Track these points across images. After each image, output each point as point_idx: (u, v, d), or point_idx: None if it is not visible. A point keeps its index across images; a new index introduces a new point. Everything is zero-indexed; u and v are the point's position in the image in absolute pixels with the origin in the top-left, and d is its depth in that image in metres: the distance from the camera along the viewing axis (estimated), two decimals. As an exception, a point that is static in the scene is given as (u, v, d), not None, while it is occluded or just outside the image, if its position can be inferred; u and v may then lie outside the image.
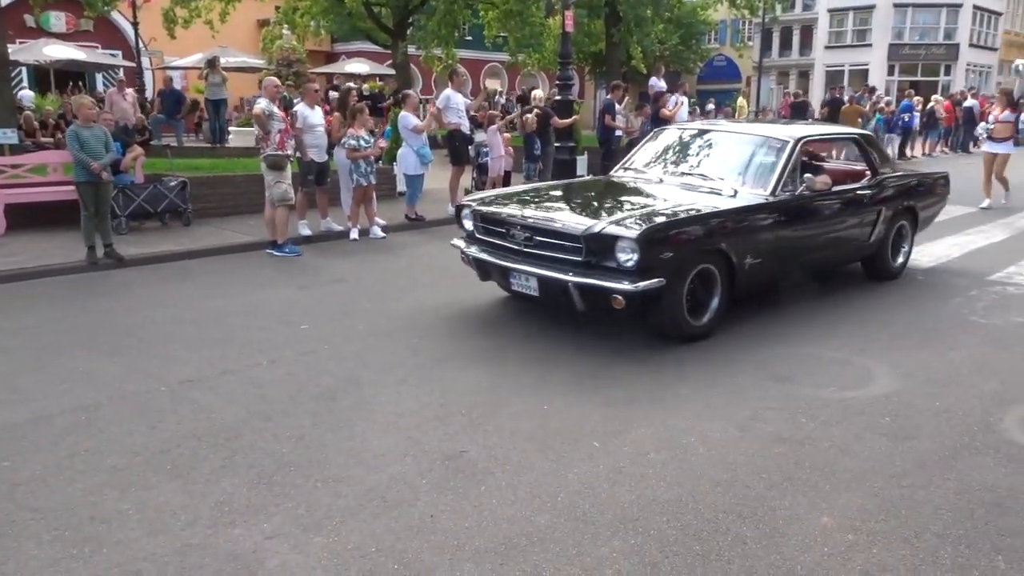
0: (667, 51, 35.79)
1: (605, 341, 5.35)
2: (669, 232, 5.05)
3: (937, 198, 7.81)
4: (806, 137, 6.33)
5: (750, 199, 5.67)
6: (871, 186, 6.70)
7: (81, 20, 24.34)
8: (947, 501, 3.28)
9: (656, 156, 6.81)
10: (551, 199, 6.22)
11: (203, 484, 3.42)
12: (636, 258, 4.80)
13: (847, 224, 6.49)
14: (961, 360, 5.04)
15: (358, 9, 20.20)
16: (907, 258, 7.34)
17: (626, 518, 3.14)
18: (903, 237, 7.25)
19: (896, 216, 6.95)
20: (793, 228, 5.87)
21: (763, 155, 6.11)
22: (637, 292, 4.81)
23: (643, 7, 18.87)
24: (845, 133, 8.00)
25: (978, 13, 40.18)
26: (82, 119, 7.82)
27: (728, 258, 5.35)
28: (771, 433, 3.94)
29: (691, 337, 5.27)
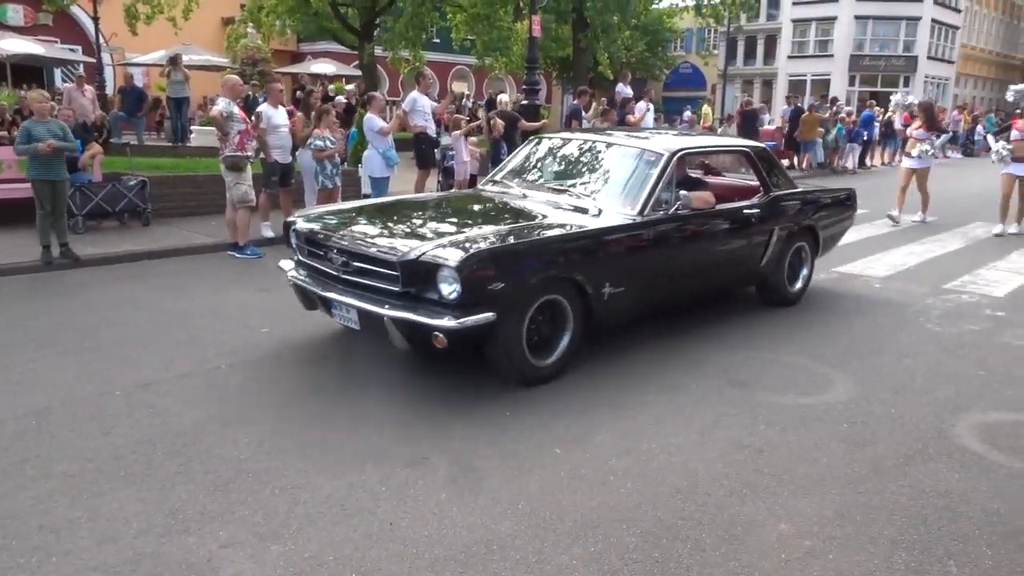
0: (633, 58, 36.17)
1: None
2: (501, 259, 4.31)
3: (841, 217, 7.15)
4: (683, 150, 5.69)
5: (614, 219, 5.03)
6: (761, 204, 6.05)
7: (40, 14, 23.83)
8: (901, 507, 3.33)
9: (528, 168, 6.17)
10: (383, 216, 5.35)
11: (157, 491, 3.34)
12: (458, 290, 4.09)
13: (732, 246, 5.93)
14: (916, 367, 5.14)
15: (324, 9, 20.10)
16: (807, 283, 6.72)
17: (587, 525, 3.14)
18: (802, 260, 6.65)
19: (792, 237, 6.37)
20: (665, 252, 5.26)
21: (634, 169, 5.49)
22: (462, 330, 4.10)
23: (610, 14, 19.04)
24: (733, 146, 7.13)
25: (936, 26, 41.19)
26: (37, 114, 7.64)
27: (581, 288, 4.68)
28: (731, 439, 3.97)
29: (534, 380, 4.57)
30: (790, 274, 6.51)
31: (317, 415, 4.19)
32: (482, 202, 5.75)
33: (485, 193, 5.97)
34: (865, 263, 8.35)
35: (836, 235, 7.19)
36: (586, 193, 5.46)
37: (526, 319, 4.46)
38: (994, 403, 4.56)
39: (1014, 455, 3.85)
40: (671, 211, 5.24)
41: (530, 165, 6.21)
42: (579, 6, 19.53)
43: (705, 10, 21.93)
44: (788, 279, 6.49)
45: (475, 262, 4.14)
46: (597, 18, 19.21)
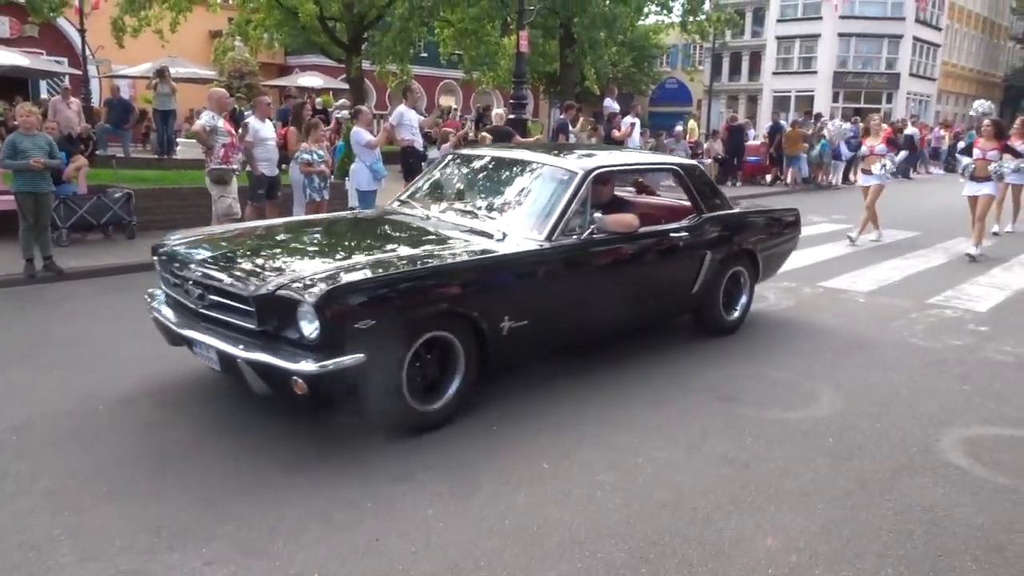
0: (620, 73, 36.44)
1: (549, 366, 5.35)
2: (371, 293, 3.79)
3: (784, 238, 6.70)
4: (601, 168, 5.17)
5: (518, 245, 4.56)
6: (691, 227, 5.62)
7: (26, 26, 23.73)
8: (887, 522, 3.34)
9: (440, 187, 5.72)
10: (259, 241, 4.78)
11: (141, 507, 3.31)
12: (319, 328, 3.58)
13: (658, 273, 5.52)
14: (901, 382, 5.17)
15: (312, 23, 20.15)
16: (746, 310, 6.27)
17: (574, 540, 3.13)
18: (740, 286, 6.22)
19: (728, 262, 5.94)
20: (577, 280, 4.80)
21: (545, 189, 5.01)
22: (324, 374, 3.58)
23: (597, 30, 19.17)
24: (659, 164, 6.47)
25: (918, 44, 41.73)
26: (23, 127, 7.60)
27: (475, 323, 4.19)
28: (717, 454, 3.98)
29: (421, 428, 4.06)
30: (727, 301, 6.07)
31: (303, 429, 4.16)
32: (377, 225, 5.27)
33: (386, 215, 5.45)
34: (850, 278, 8.41)
35: (778, 258, 6.72)
36: (492, 216, 4.98)
37: (406, 360, 3.91)
38: (978, 418, 4.59)
39: (997, 470, 3.88)
40: (584, 235, 4.79)
41: (442, 184, 5.75)
42: (566, 22, 19.67)
43: (691, 27, 22.12)
44: (724, 307, 6.04)
45: (338, 297, 3.63)
46: (584, 34, 19.35)
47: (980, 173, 10.07)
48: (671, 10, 22.90)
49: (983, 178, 9.82)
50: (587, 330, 5.20)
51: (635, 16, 21.90)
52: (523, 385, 4.86)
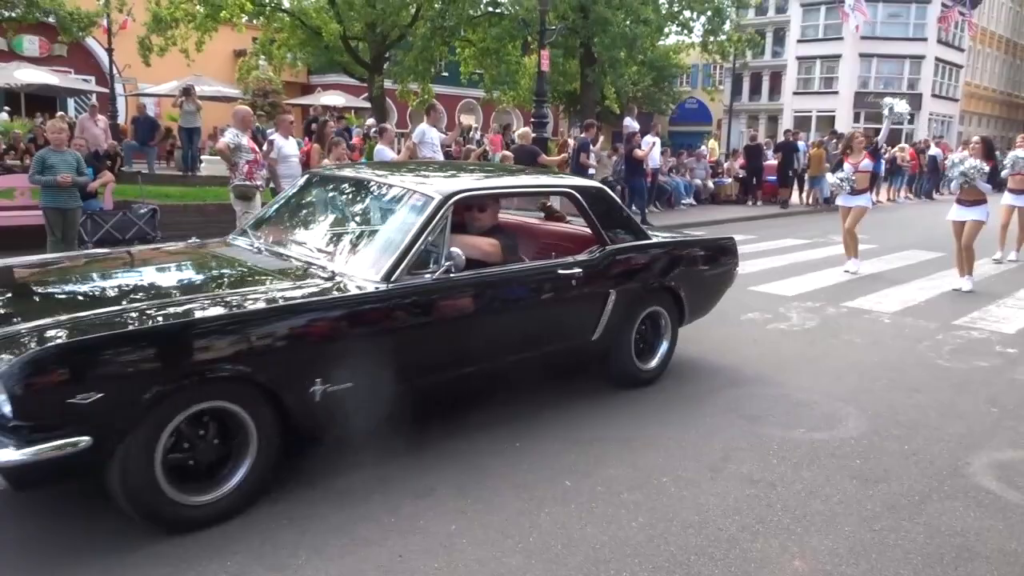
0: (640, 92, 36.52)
1: (573, 380, 5.33)
2: (89, 357, 2.92)
3: (715, 272, 5.79)
4: (464, 193, 4.27)
5: (343, 288, 3.71)
6: (591, 262, 4.72)
7: (55, 45, 24.21)
8: (917, 546, 3.28)
9: (287, 212, 4.86)
10: (12, 286, 3.91)
11: (164, 520, 3.31)
12: (11, 408, 2.75)
13: (542, 318, 4.56)
14: (928, 404, 5.10)
15: (335, 43, 20.36)
16: (666, 359, 5.35)
17: (598, 559, 3.10)
18: (659, 329, 5.33)
19: (642, 301, 5.09)
20: (426, 330, 3.93)
21: (394, 218, 4.18)
22: (31, 464, 2.77)
23: (617, 49, 19.24)
24: (546, 186, 5.60)
25: (940, 65, 41.58)
26: (53, 144, 7.73)
27: (269, 389, 3.34)
28: (742, 474, 3.93)
29: (186, 526, 3.20)
30: (641, 348, 5.20)
31: (323, 445, 4.15)
32: (183, 262, 4.40)
33: (212, 248, 4.55)
34: (875, 298, 8.33)
35: (710, 294, 5.81)
36: (328, 250, 4.18)
37: (161, 440, 3.06)
38: (1008, 441, 4.52)
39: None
40: (439, 273, 3.93)
41: (291, 210, 4.87)
42: (587, 41, 19.76)
43: (711, 47, 22.16)
44: (639, 354, 5.16)
45: (31, 368, 2.78)
46: (605, 53, 19.43)
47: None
48: (692, 30, 22.96)
49: (970, 201, 8.78)
50: (442, 388, 4.22)
51: (656, 36, 21.93)
52: (544, 402, 4.84)
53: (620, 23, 18.89)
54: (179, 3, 18.39)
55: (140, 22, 18.76)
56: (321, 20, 20.24)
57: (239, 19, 19.15)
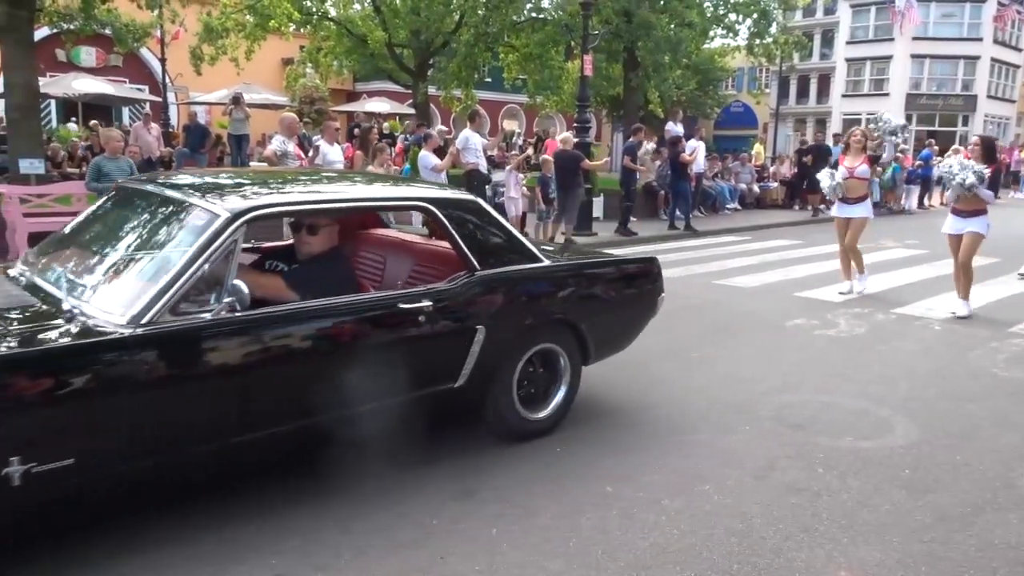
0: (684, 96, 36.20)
1: (610, 388, 5.31)
2: None
3: (629, 301, 4.85)
4: (261, 210, 3.42)
5: (72, 333, 2.91)
6: (449, 293, 3.86)
7: (111, 55, 24.92)
8: (969, 558, 3.20)
9: (74, 235, 3.97)
10: None
11: (209, 520, 3.38)
12: None
13: (375, 364, 3.64)
14: (981, 413, 4.96)
15: (381, 50, 20.65)
16: (564, 405, 4.44)
17: (639, 566, 3.08)
18: (555, 371, 4.41)
19: (526, 338, 4.20)
20: (196, 385, 3.15)
21: (166, 242, 3.38)
22: None
23: (661, 53, 19.12)
24: (390, 199, 4.41)
25: (996, 65, 40.44)
26: (109, 151, 7.97)
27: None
28: (787, 483, 3.87)
29: None
30: (529, 393, 4.29)
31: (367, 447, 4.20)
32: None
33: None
34: (925, 305, 8.13)
35: (624, 327, 4.85)
36: (84, 282, 3.35)
37: None
38: (1066, 452, 4.37)
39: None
40: (215, 314, 3.13)
41: (76, 232, 4.00)
42: (631, 46, 19.68)
43: (757, 50, 21.87)
44: (526, 400, 4.26)
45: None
46: (648, 57, 19.32)
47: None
48: (737, 33, 22.70)
49: (968, 212, 7.50)
50: (224, 452, 3.32)
51: (700, 39, 21.75)
52: (584, 408, 4.83)
53: (664, 27, 18.78)
54: (229, 13, 18.82)
55: (192, 32, 19.24)
56: (367, 28, 20.56)
57: (287, 28, 19.51)
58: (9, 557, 2.97)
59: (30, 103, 11.03)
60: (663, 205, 15.90)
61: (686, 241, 13.56)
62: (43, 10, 12.86)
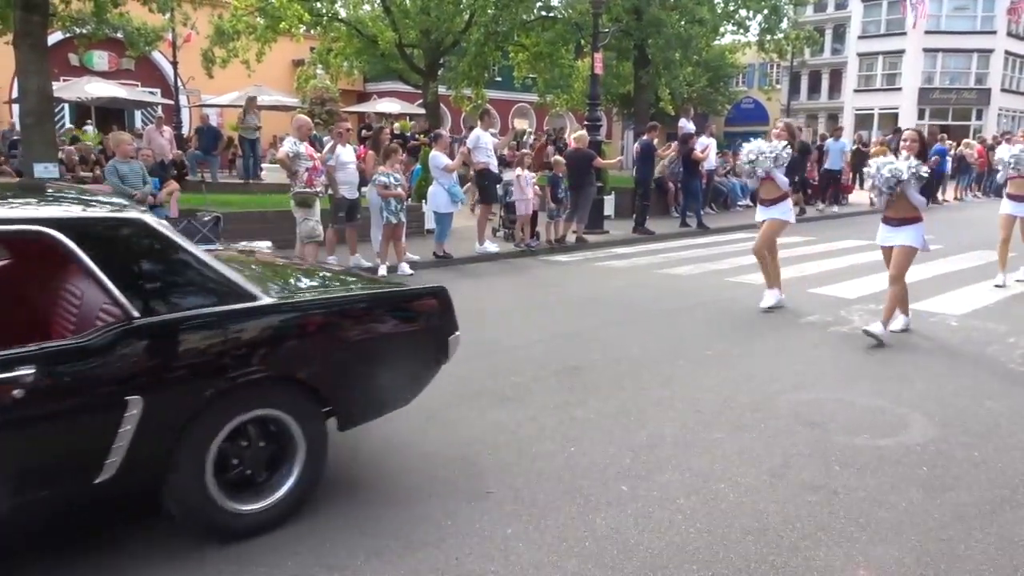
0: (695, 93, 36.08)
1: (624, 387, 5.30)
2: None
3: (399, 347, 3.81)
4: None
5: None
6: (72, 354, 2.85)
7: (123, 59, 25.07)
8: (988, 557, 3.17)
9: None
10: None
11: (228, 520, 3.40)
12: None
13: None
14: (999, 410, 4.91)
15: (391, 51, 20.68)
16: (303, 486, 3.39)
17: (655, 566, 3.07)
18: (283, 446, 3.39)
19: (226, 406, 3.18)
20: None
21: None
22: None
23: (672, 50, 19.06)
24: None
25: (1010, 58, 40.06)
26: (120, 155, 8.02)
27: None
28: (803, 481, 3.85)
29: None
30: (242, 476, 3.30)
31: (383, 447, 4.22)
32: None
33: None
34: (941, 300, 8.07)
35: (396, 378, 3.79)
36: None
37: None
38: (1086, 449, 4.33)
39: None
40: None
41: None
42: (641, 43, 19.63)
43: (768, 45, 21.76)
44: (231, 487, 3.23)
45: None
46: (659, 55, 19.27)
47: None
48: (748, 29, 22.61)
49: (899, 220, 6.50)
50: None
51: (711, 36, 21.67)
52: (600, 407, 4.82)
53: (675, 24, 18.72)
54: (240, 16, 18.89)
55: (203, 35, 19.34)
56: (377, 28, 20.59)
57: (297, 30, 19.57)
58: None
59: (44, 108, 11.10)
60: (673, 202, 15.86)
61: (698, 239, 13.52)
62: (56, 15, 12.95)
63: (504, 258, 11.03)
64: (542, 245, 11.79)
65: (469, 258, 10.66)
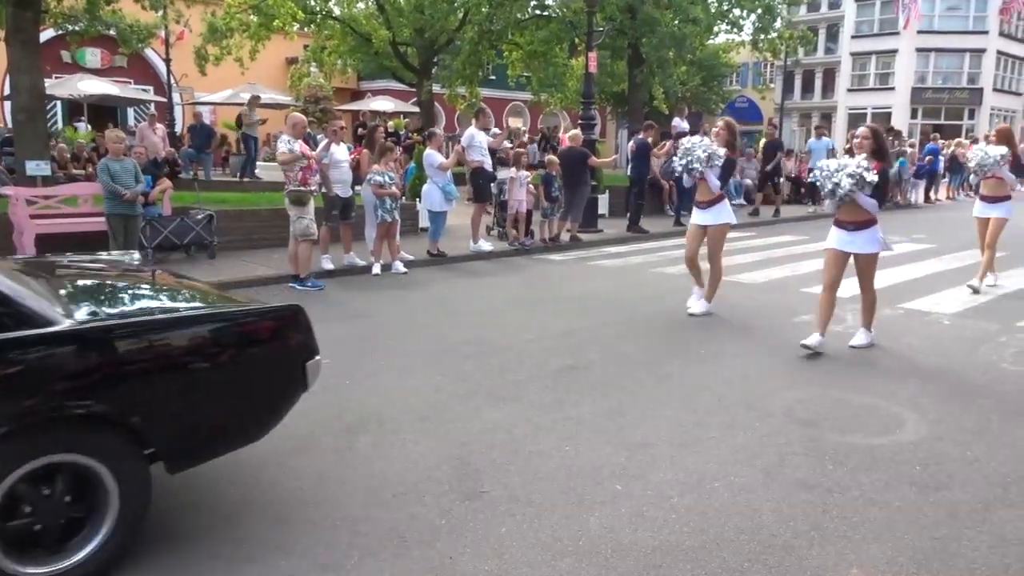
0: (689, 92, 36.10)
1: (619, 386, 5.30)
2: None
3: (243, 376, 3.32)
4: None
5: None
6: None
7: (116, 56, 24.95)
8: (981, 555, 3.18)
9: None
10: None
11: (222, 520, 3.39)
12: None
13: None
14: (991, 408, 4.93)
15: (385, 49, 20.64)
16: (119, 540, 2.92)
17: (649, 564, 3.07)
18: (93, 495, 2.87)
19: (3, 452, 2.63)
20: None
21: None
22: None
23: (666, 49, 19.08)
24: None
25: (1002, 58, 40.23)
26: (112, 153, 7.98)
27: None
28: (797, 480, 3.86)
29: None
30: (32, 532, 2.75)
31: (377, 447, 4.21)
32: None
33: None
34: (933, 299, 8.10)
35: (241, 412, 3.37)
36: None
37: None
38: (1077, 447, 4.35)
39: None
40: None
41: None
42: (635, 42, 19.64)
43: (762, 45, 21.81)
44: (19, 545, 2.73)
45: None
46: (653, 54, 19.28)
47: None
48: (741, 28, 22.63)
49: (852, 224, 6.01)
50: None
51: (705, 35, 21.70)
52: (594, 406, 4.82)
53: (668, 23, 18.73)
54: (234, 13, 18.82)
55: (196, 33, 19.24)
56: (371, 27, 20.54)
57: (291, 27, 19.51)
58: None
59: (36, 105, 11.04)
60: (668, 201, 15.87)
61: (692, 237, 13.51)
62: (48, 12, 12.87)
63: (498, 257, 11.02)
64: (536, 244, 11.79)
65: (463, 257, 10.65)
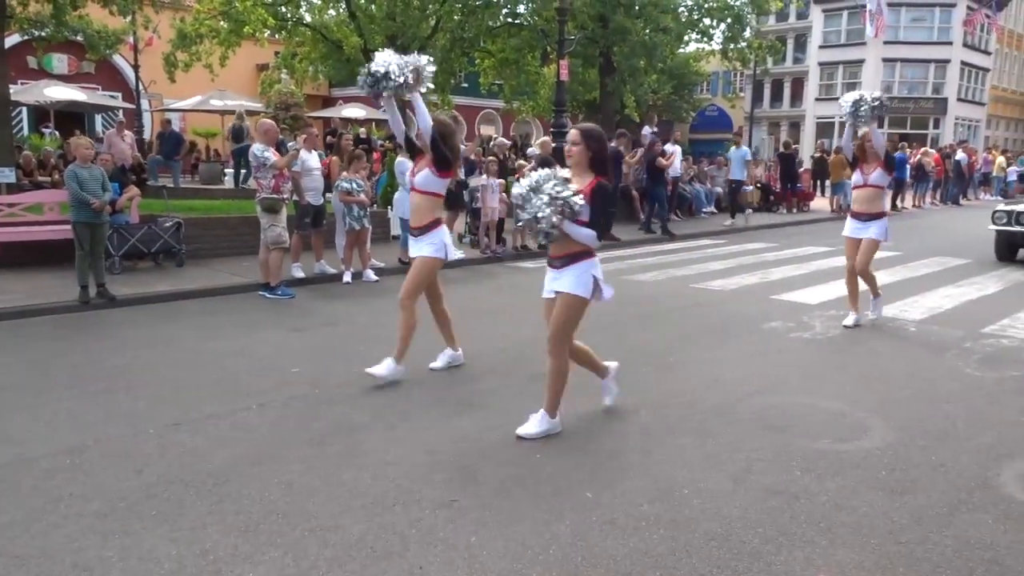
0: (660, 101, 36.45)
1: (589, 394, 5.30)
2: None
3: None
4: None
5: None
6: None
7: (83, 62, 24.62)
8: (945, 559, 3.22)
9: None
10: None
11: (188, 531, 3.34)
12: None
13: None
14: (956, 413, 5.01)
15: (356, 55, 20.54)
16: None
17: (619, 572, 3.07)
18: None
19: None
20: None
21: None
22: None
23: (637, 58, 19.26)
24: None
25: (966, 69, 41.08)
26: (80, 159, 7.86)
27: None
28: (766, 485, 3.89)
29: None
30: None
31: (346, 456, 4.18)
32: None
33: None
34: (900, 306, 8.22)
35: None
36: None
37: None
38: (1038, 451, 4.43)
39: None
40: None
41: None
42: (606, 51, 19.79)
43: (731, 54, 22.10)
44: None
45: None
46: (624, 62, 19.45)
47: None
48: (712, 38, 22.90)
49: (559, 260, 4.44)
50: None
51: (675, 44, 21.97)
52: (564, 415, 4.82)
53: (640, 32, 18.91)
54: (203, 19, 18.67)
55: (165, 39, 19.06)
56: (342, 33, 20.47)
57: (262, 34, 19.39)
58: None
59: (1, 112, 10.85)
60: (640, 209, 15.97)
61: (663, 245, 13.63)
62: (14, 17, 12.66)
63: (470, 264, 11.01)
64: (508, 251, 11.80)
65: (435, 264, 10.64)
